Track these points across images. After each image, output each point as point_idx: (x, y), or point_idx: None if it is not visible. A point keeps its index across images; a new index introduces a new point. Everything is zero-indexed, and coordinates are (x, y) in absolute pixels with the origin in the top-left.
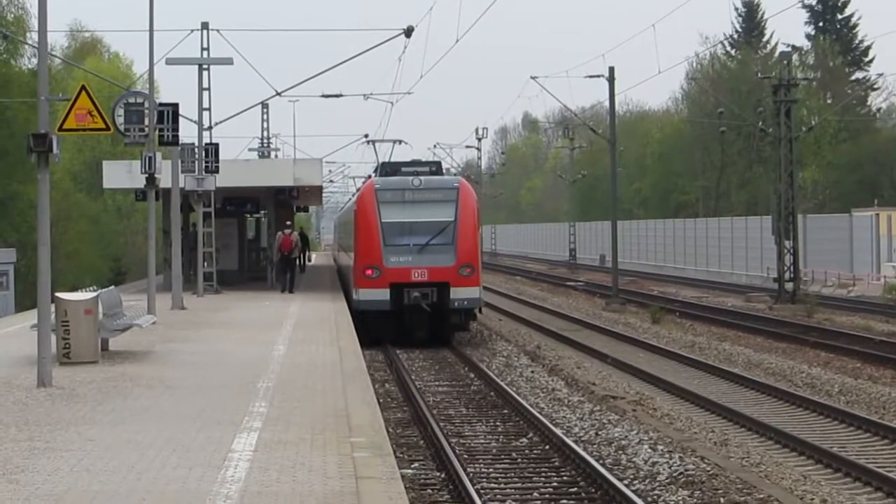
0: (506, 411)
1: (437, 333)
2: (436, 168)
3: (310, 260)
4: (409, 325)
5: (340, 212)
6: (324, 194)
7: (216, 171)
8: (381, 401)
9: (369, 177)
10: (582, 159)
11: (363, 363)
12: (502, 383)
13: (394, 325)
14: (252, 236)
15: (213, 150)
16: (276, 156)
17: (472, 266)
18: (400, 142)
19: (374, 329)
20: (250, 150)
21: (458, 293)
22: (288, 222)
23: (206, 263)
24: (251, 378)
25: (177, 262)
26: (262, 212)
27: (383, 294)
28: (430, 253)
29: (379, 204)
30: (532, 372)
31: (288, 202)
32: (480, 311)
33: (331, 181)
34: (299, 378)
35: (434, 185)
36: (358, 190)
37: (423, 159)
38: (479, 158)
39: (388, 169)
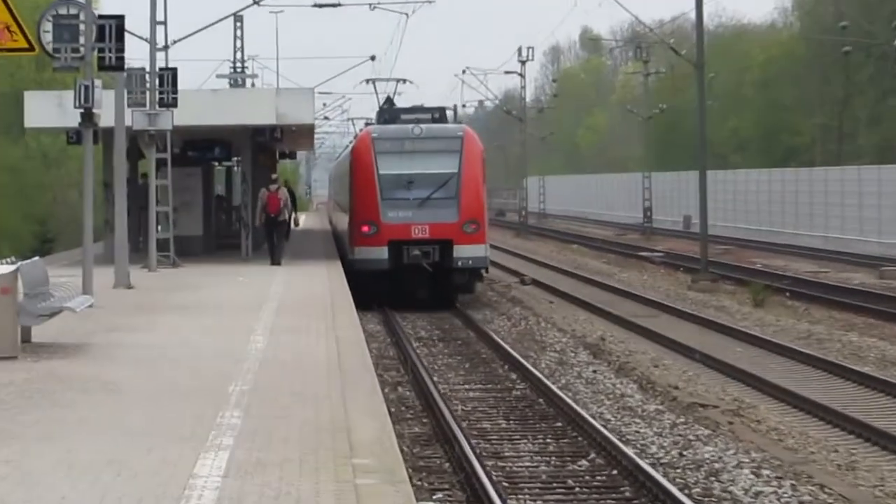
0: (559, 424)
1: (439, 295)
2: (439, 115)
3: (297, 224)
4: (408, 285)
5: (335, 163)
6: (316, 136)
7: (174, 104)
8: (392, 410)
9: (367, 123)
10: (660, 89)
11: (368, 359)
12: (554, 387)
13: (392, 286)
14: (221, 191)
15: (169, 76)
16: (254, 85)
17: (477, 222)
18: (404, 80)
19: (371, 290)
20: (219, 76)
21: (462, 251)
22: (273, 175)
23: (160, 228)
24: (220, 379)
25: (121, 226)
26: (235, 159)
27: (381, 252)
28: (432, 208)
29: (376, 155)
30: (594, 372)
31: (269, 146)
32: (487, 270)
33: (325, 118)
34: (284, 379)
35: (436, 134)
36: (353, 139)
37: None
38: (523, 88)
39: (386, 116)
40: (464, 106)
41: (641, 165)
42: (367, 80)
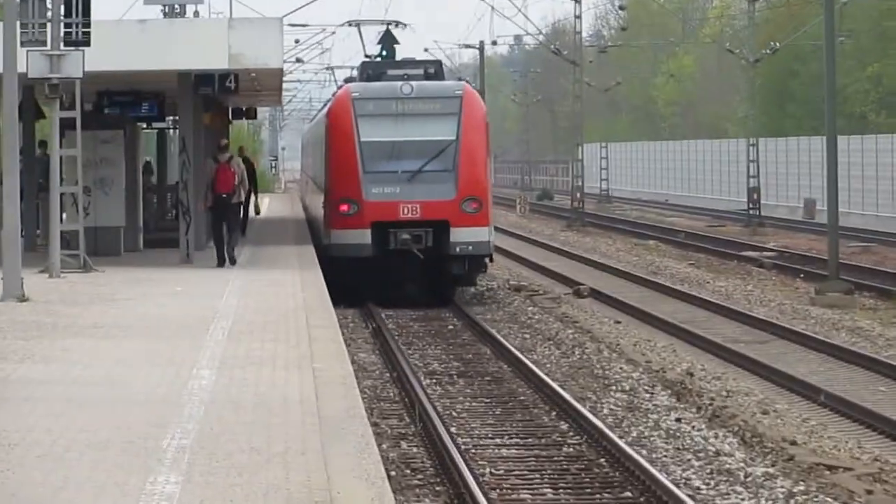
0: (628, 495)
1: (433, 288)
2: (434, 70)
3: (258, 211)
4: (396, 276)
5: (309, 127)
6: (287, 86)
7: (85, 42)
8: (392, 474)
9: (347, 80)
10: (772, 21)
11: (359, 401)
12: (622, 442)
13: (376, 277)
14: (152, 165)
15: (79, 3)
16: (197, 14)
17: (479, 200)
18: (396, 24)
19: (350, 282)
20: (148, 2)
21: (461, 235)
22: (223, 140)
23: (66, 216)
24: (150, 430)
25: (12, 215)
26: (171, 119)
27: (363, 236)
28: (425, 182)
29: (357, 118)
30: (678, 420)
31: (218, 101)
32: (491, 259)
33: (298, 61)
34: (240, 429)
35: (430, 93)
36: (330, 98)
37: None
38: (578, 18)
39: (369, 71)
40: (494, 43)
41: (745, 129)
42: (351, 23)
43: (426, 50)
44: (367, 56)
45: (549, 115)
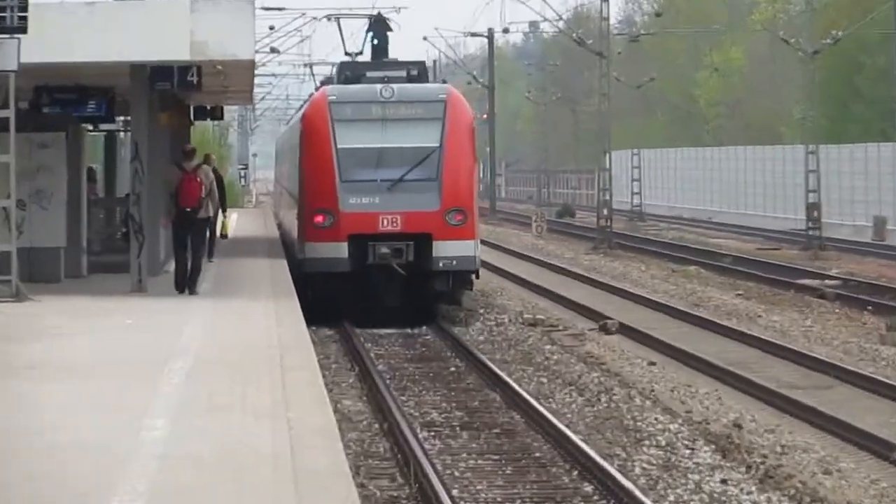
0: None
1: (414, 304)
2: (417, 72)
3: (224, 234)
4: (375, 291)
5: (283, 132)
6: (260, 81)
7: (20, 28)
8: None
9: (324, 81)
10: (832, 6)
11: (342, 458)
12: None
13: (354, 293)
14: (98, 174)
15: None
16: None
17: (464, 211)
18: (377, 17)
19: (326, 298)
20: None
21: (445, 249)
22: (188, 146)
23: None
24: (94, 489)
25: None
26: (121, 120)
27: (339, 249)
28: (406, 192)
29: (333, 123)
30: (723, 482)
31: (178, 99)
32: (477, 275)
33: (273, 51)
34: (200, 489)
35: (412, 97)
36: (304, 102)
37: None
38: (605, 1)
39: (347, 72)
40: (505, 31)
41: (802, 133)
42: (330, 17)
43: (425, 38)
44: (347, 54)
45: (571, 116)
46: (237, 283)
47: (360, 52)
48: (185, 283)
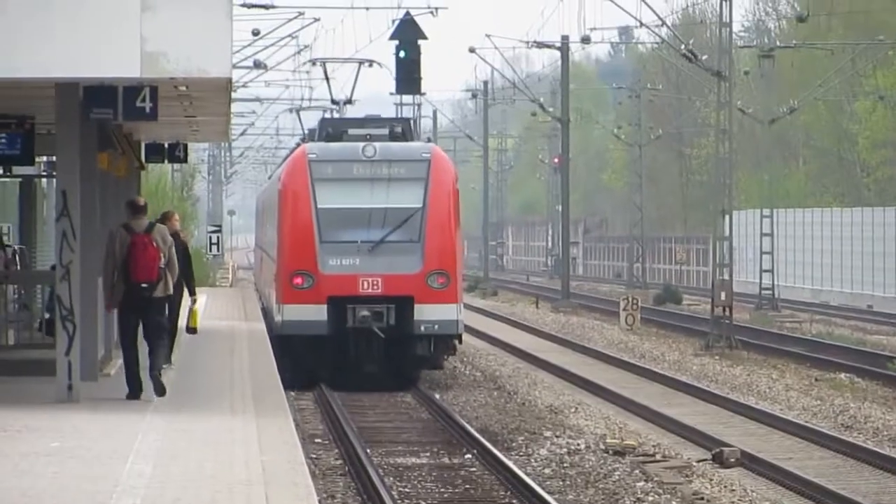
0: None
1: (395, 370)
2: (401, 129)
3: (193, 329)
4: (354, 356)
5: (261, 192)
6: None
7: None
8: None
9: (302, 140)
10: None
11: None
12: None
13: (332, 357)
14: (12, 239)
15: None
16: None
17: (446, 274)
18: (405, 22)
19: (303, 362)
20: None
21: (426, 312)
22: (138, 199)
23: None
24: None
25: None
26: (43, 160)
27: (318, 312)
28: (387, 254)
29: (313, 182)
30: None
31: (124, 133)
32: (460, 340)
33: (256, 67)
34: None
35: (395, 156)
36: (283, 160)
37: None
38: (727, 2)
39: (329, 130)
40: (585, 41)
41: None
42: (314, 62)
43: (472, 50)
44: (334, 102)
45: (677, 162)
46: (205, 392)
47: (350, 101)
48: (139, 384)
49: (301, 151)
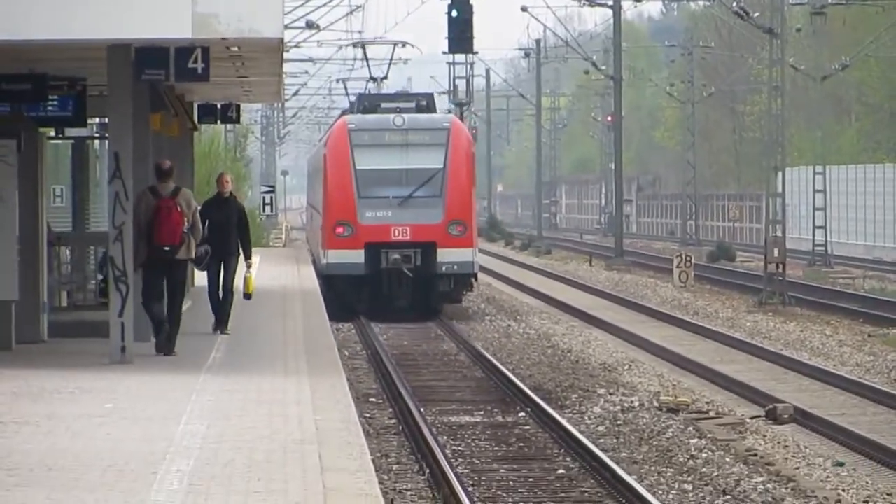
0: None
1: (421, 304)
2: (426, 103)
3: (248, 295)
4: (387, 292)
5: (310, 157)
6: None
7: None
8: None
9: (343, 112)
10: None
11: None
12: None
13: (369, 293)
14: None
15: None
16: None
17: (463, 223)
18: (403, 44)
19: (345, 298)
20: None
21: (447, 255)
22: (165, 162)
23: None
24: None
25: None
26: (96, 122)
27: (357, 256)
28: (414, 207)
29: (353, 148)
30: None
31: (176, 94)
32: (476, 278)
33: (308, 28)
34: None
35: (420, 125)
36: (328, 129)
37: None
38: None
39: (365, 104)
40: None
41: None
42: (355, 44)
43: (524, 9)
44: (372, 78)
45: (730, 120)
46: (258, 353)
47: (385, 77)
48: (164, 342)
49: (342, 122)
